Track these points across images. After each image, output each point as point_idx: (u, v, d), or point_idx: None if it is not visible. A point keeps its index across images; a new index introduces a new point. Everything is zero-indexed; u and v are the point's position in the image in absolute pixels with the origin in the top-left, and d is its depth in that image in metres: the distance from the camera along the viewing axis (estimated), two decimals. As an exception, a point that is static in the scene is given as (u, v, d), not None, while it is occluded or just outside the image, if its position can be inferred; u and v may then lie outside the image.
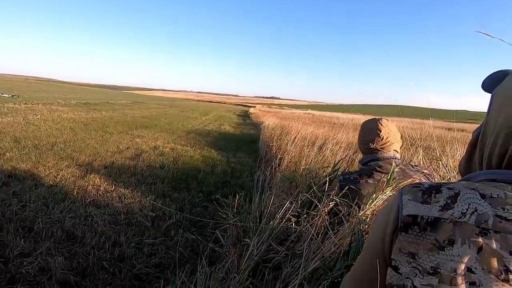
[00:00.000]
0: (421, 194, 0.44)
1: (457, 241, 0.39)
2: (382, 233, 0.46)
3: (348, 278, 0.58)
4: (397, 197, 0.47)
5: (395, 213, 0.45)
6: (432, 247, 0.40)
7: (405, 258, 0.42)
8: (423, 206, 0.43)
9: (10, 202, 2.36)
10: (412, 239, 0.42)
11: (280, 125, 7.13)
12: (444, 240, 0.40)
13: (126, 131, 6.85)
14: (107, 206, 2.59)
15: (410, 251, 0.42)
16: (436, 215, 0.41)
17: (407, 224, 0.43)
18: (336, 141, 3.90)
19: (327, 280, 0.69)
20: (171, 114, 14.58)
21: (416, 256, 0.41)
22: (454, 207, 0.41)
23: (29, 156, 3.70)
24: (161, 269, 1.83)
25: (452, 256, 0.39)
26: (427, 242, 0.41)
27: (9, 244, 1.82)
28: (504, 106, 0.44)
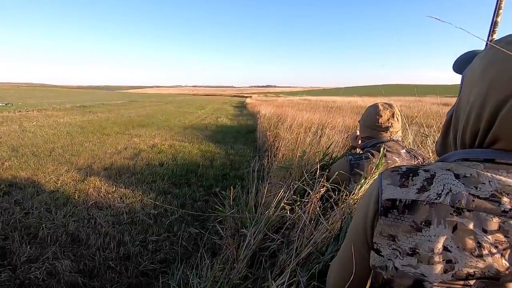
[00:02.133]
0: (399, 178, 0.46)
1: (433, 222, 0.41)
2: (364, 218, 0.48)
3: (335, 263, 0.61)
4: (377, 182, 0.48)
5: (375, 198, 0.46)
6: (410, 229, 0.42)
7: (386, 241, 0.44)
8: (401, 189, 0.44)
9: (13, 210, 2.39)
10: (391, 222, 0.44)
11: (276, 114, 7.12)
12: (421, 221, 0.41)
13: (123, 131, 6.84)
14: (109, 207, 2.62)
15: (390, 234, 0.44)
16: (413, 197, 0.43)
17: (387, 208, 0.44)
18: (332, 125, 3.91)
19: (320, 264, 0.72)
20: (167, 111, 14.51)
21: (396, 238, 0.43)
22: (430, 188, 0.43)
23: (28, 164, 3.72)
24: (166, 264, 1.87)
25: (429, 236, 0.41)
26: (405, 224, 0.42)
27: (15, 251, 1.86)
28: (474, 87, 0.45)
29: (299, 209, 1.01)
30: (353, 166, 1.14)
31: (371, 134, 1.25)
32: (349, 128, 4.20)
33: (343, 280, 0.54)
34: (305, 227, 0.88)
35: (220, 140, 6.34)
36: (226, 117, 12.07)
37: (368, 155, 1.16)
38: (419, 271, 0.41)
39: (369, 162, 1.13)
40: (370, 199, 0.48)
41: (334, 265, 0.61)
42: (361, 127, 1.32)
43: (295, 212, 1.02)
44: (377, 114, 1.22)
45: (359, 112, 8.24)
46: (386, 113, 1.21)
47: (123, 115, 10.81)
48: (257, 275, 0.84)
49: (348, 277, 0.53)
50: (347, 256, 0.53)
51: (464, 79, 0.50)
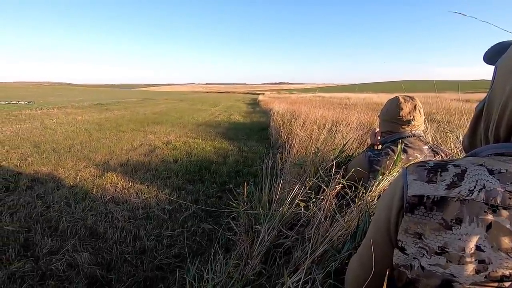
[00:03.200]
0: (426, 173, 0.43)
1: (465, 220, 0.39)
2: (387, 214, 0.46)
3: (354, 260, 0.59)
4: (402, 177, 0.46)
5: (400, 194, 0.44)
6: (439, 227, 0.40)
7: (412, 239, 0.42)
8: (429, 185, 0.42)
9: (35, 204, 2.49)
10: (418, 220, 0.41)
11: (289, 110, 7.08)
12: (451, 219, 0.39)
13: (139, 129, 6.98)
14: (125, 202, 2.68)
15: (416, 232, 0.41)
16: (442, 194, 0.41)
17: (413, 204, 0.42)
18: (347, 122, 3.84)
19: (336, 262, 0.70)
20: (181, 108, 14.70)
21: (422, 236, 0.41)
22: (461, 184, 0.40)
23: (49, 160, 3.86)
24: (181, 259, 1.90)
25: (460, 235, 0.38)
26: (433, 222, 0.40)
27: (38, 243, 1.93)
28: (510, 77, 0.42)
29: (314, 206, 0.99)
30: (372, 162, 1.10)
31: (391, 128, 1.19)
32: (364, 125, 4.12)
33: (363, 279, 0.52)
34: (320, 224, 0.87)
35: (233, 137, 6.36)
36: (239, 114, 12.10)
37: (388, 151, 1.11)
38: (448, 271, 0.39)
39: (389, 158, 1.09)
40: (394, 195, 0.46)
41: (353, 264, 0.59)
42: (381, 121, 1.26)
43: (310, 209, 1.01)
44: (398, 107, 1.16)
45: (374, 108, 8.07)
46: (408, 105, 1.15)
47: (138, 113, 11.04)
48: (271, 271, 0.84)
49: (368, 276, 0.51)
50: (367, 254, 0.52)
51: (497, 69, 0.47)
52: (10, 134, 5.43)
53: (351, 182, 1.03)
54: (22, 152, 4.19)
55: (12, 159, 3.80)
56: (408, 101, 1.17)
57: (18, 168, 3.45)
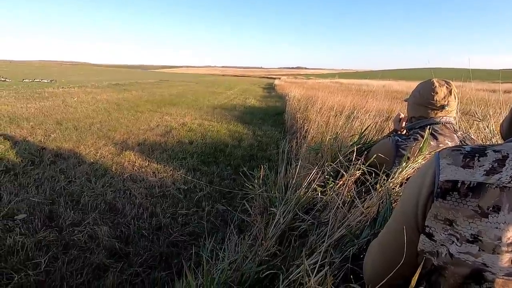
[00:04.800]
0: (462, 158, 0.41)
1: (503, 208, 0.36)
2: (415, 198, 0.44)
3: (375, 243, 0.58)
4: (434, 161, 0.44)
5: (431, 178, 0.42)
6: (474, 214, 0.38)
7: (441, 225, 0.40)
8: (465, 170, 0.40)
9: (58, 178, 2.60)
10: (450, 206, 0.39)
11: (306, 96, 6.95)
12: (488, 206, 0.37)
13: (155, 109, 7.08)
14: (142, 180, 2.76)
15: (447, 218, 0.40)
16: (480, 180, 0.38)
17: (446, 189, 0.40)
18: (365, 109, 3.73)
19: (353, 247, 0.70)
20: (197, 91, 14.74)
21: (454, 223, 0.39)
22: (502, 171, 0.38)
23: (71, 137, 4.00)
24: (194, 237, 1.96)
25: (497, 223, 0.36)
26: (467, 208, 0.38)
27: (61, 215, 2.03)
28: None
29: (331, 191, 0.98)
30: (399, 147, 1.05)
31: (422, 113, 1.12)
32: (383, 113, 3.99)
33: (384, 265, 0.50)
34: (338, 210, 0.86)
35: (248, 121, 6.35)
36: (254, 98, 12.02)
37: (417, 136, 1.05)
38: (480, 260, 0.37)
39: (417, 144, 1.03)
40: (425, 179, 0.44)
41: (373, 247, 0.58)
42: (411, 106, 1.18)
43: (327, 194, 1.00)
44: (433, 90, 1.09)
45: (394, 96, 7.79)
46: (443, 89, 1.08)
47: (155, 94, 11.16)
48: (286, 253, 0.85)
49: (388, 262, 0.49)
50: (389, 240, 0.50)
51: None
52: (34, 111, 5.64)
53: (371, 169, 1.01)
54: (46, 128, 4.35)
55: (37, 134, 3.96)
56: (443, 85, 1.09)
57: (42, 143, 3.60)
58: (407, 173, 0.90)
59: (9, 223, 1.89)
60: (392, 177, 0.90)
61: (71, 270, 1.54)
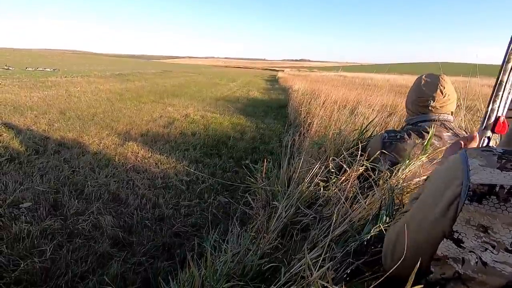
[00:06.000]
0: (497, 159, 0.38)
1: None
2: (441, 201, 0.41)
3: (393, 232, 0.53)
4: (461, 161, 0.40)
5: (460, 180, 0.39)
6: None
7: (474, 232, 0.37)
8: (503, 173, 0.36)
9: (62, 168, 2.63)
10: (486, 211, 0.36)
11: (309, 89, 6.91)
12: None
13: (158, 100, 7.07)
14: (145, 171, 2.78)
15: (481, 224, 0.37)
16: None
17: (482, 193, 0.37)
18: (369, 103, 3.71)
19: (355, 242, 0.70)
20: (200, 82, 14.68)
21: (489, 230, 0.36)
22: None
23: (74, 126, 4.02)
24: (197, 228, 1.98)
25: None
26: (507, 215, 0.35)
27: (65, 204, 2.06)
28: None
29: (334, 186, 0.98)
30: (384, 144, 1.05)
31: (415, 109, 1.12)
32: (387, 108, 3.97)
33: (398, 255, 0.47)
34: (340, 205, 0.86)
35: (251, 113, 6.34)
36: (257, 91, 11.96)
37: (403, 135, 1.05)
38: None
39: (403, 143, 1.04)
40: (453, 181, 0.40)
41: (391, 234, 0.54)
42: (406, 102, 1.19)
43: (330, 189, 1.01)
44: (419, 86, 1.08)
45: (398, 91, 7.73)
46: (428, 85, 1.07)
47: (158, 84, 11.14)
48: (288, 246, 0.86)
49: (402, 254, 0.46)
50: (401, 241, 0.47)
51: None
52: (37, 100, 5.65)
53: (374, 164, 1.01)
54: (49, 118, 4.37)
55: (41, 124, 3.98)
56: (429, 81, 1.07)
57: (46, 132, 3.62)
58: (410, 170, 0.90)
59: (14, 211, 1.92)
60: (395, 174, 0.90)
61: (76, 258, 1.57)
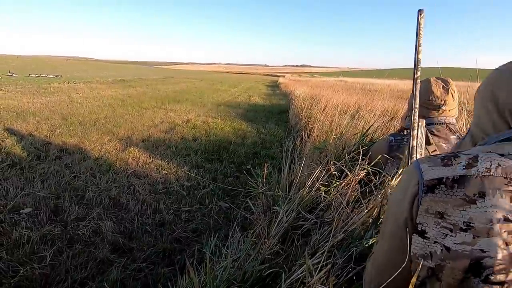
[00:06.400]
0: (440, 160, 0.44)
1: (488, 193, 0.39)
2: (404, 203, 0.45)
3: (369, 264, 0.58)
4: (415, 167, 0.46)
5: (415, 180, 0.44)
6: (463, 202, 0.40)
7: (433, 219, 0.42)
8: (446, 168, 0.43)
9: (64, 173, 2.63)
10: (439, 198, 0.41)
11: (310, 94, 6.93)
12: (474, 193, 0.40)
13: (160, 106, 7.10)
14: (146, 176, 2.78)
15: (438, 211, 0.41)
16: (461, 173, 0.41)
17: (433, 185, 0.42)
18: (370, 108, 3.71)
19: (357, 248, 0.70)
20: (201, 88, 14.75)
21: (445, 215, 0.41)
22: (478, 165, 0.41)
23: (76, 132, 4.03)
24: (197, 234, 1.97)
25: (486, 207, 0.39)
26: (456, 198, 0.40)
27: (66, 210, 2.06)
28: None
29: (335, 191, 0.98)
30: (392, 147, 1.04)
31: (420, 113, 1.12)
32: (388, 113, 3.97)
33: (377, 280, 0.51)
34: (342, 210, 0.86)
35: (252, 118, 6.35)
36: (259, 96, 12.00)
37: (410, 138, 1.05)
38: (477, 246, 0.39)
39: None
40: (409, 184, 0.46)
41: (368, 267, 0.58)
42: (409, 105, 1.19)
43: (331, 194, 1.00)
44: (428, 90, 1.07)
45: (399, 96, 7.73)
46: (439, 89, 1.06)
47: (159, 90, 11.20)
48: (289, 252, 0.85)
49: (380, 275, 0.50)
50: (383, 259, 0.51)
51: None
52: (40, 106, 5.69)
53: (375, 169, 1.00)
54: (51, 123, 4.39)
55: (43, 129, 4.00)
56: (440, 84, 1.07)
57: (48, 138, 3.64)
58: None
59: (15, 216, 1.92)
60: (394, 177, 0.89)
61: (76, 264, 1.55)
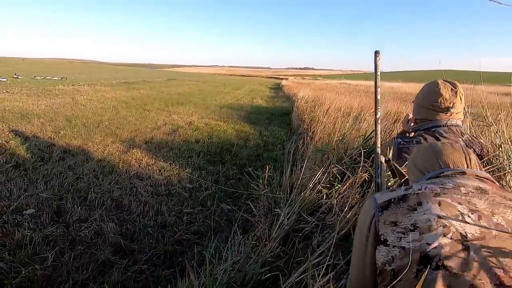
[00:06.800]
0: (388, 190, 0.65)
1: (423, 202, 0.56)
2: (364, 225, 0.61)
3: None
4: (371, 198, 0.64)
5: (372, 205, 0.61)
6: (408, 211, 0.56)
7: (390, 228, 0.56)
8: (392, 192, 0.62)
9: (67, 175, 2.64)
10: (391, 212, 0.58)
11: (313, 97, 6.91)
12: (414, 204, 0.57)
13: (163, 108, 7.13)
14: (149, 178, 2.78)
15: (392, 221, 0.56)
16: (403, 193, 0.60)
17: (386, 205, 0.59)
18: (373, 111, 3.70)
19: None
20: (204, 90, 14.80)
21: (397, 222, 0.56)
22: (412, 187, 0.61)
23: (80, 134, 4.06)
24: (199, 236, 1.96)
25: (424, 210, 0.55)
26: (402, 209, 0.57)
27: (68, 211, 2.06)
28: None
29: (337, 193, 0.97)
30: (401, 150, 1.03)
31: (427, 115, 1.09)
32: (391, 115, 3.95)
33: None
34: (345, 212, 0.84)
35: (255, 121, 6.35)
36: (262, 99, 12.01)
37: (420, 139, 1.03)
38: (424, 241, 0.51)
39: None
40: (369, 209, 0.62)
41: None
42: (416, 107, 1.16)
43: (333, 196, 0.99)
44: (437, 92, 1.06)
45: (403, 98, 7.69)
46: (448, 91, 1.05)
47: (163, 93, 11.25)
48: (290, 254, 0.84)
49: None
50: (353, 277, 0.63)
51: None
52: (45, 107, 5.74)
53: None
54: (56, 125, 4.42)
55: (47, 131, 4.03)
56: (448, 87, 1.06)
57: (51, 140, 3.66)
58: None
59: (18, 217, 1.93)
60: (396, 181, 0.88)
61: (77, 266, 1.55)
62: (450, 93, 1.05)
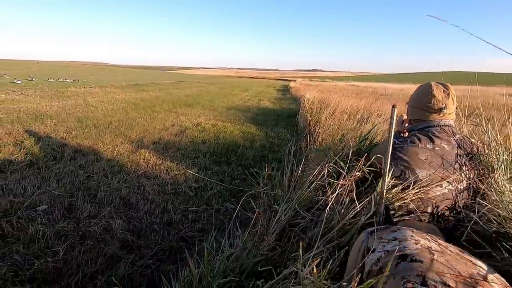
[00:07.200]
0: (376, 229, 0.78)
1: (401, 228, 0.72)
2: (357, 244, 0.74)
3: None
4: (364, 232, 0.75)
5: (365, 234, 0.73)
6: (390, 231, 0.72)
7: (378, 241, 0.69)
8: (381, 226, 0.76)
9: (78, 173, 2.74)
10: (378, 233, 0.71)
11: (319, 98, 6.92)
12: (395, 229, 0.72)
13: (171, 110, 7.25)
14: (156, 177, 2.86)
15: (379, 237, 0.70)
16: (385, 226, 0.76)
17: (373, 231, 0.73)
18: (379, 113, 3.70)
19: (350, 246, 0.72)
20: (212, 92, 14.94)
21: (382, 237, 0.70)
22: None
23: (90, 134, 4.18)
24: (204, 233, 2.02)
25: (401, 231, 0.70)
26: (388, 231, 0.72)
27: (79, 208, 2.15)
28: None
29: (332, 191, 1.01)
30: (395, 149, 1.07)
31: (420, 116, 1.13)
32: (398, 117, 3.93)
33: None
34: (337, 208, 0.88)
35: (261, 122, 6.40)
36: (269, 100, 12.06)
37: (414, 139, 1.06)
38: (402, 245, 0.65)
39: (414, 146, 1.05)
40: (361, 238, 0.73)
41: None
42: (409, 108, 1.20)
43: (328, 194, 1.03)
44: (430, 93, 1.10)
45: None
46: (440, 93, 1.09)
47: (171, 94, 11.42)
48: (285, 247, 0.88)
49: None
50: None
51: None
52: (57, 109, 5.92)
53: (372, 169, 1.02)
54: (68, 126, 4.57)
55: (59, 131, 4.18)
56: (441, 88, 1.10)
57: (64, 140, 3.79)
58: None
59: (31, 213, 2.02)
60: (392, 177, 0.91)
61: (86, 259, 1.63)
62: (442, 94, 1.09)
